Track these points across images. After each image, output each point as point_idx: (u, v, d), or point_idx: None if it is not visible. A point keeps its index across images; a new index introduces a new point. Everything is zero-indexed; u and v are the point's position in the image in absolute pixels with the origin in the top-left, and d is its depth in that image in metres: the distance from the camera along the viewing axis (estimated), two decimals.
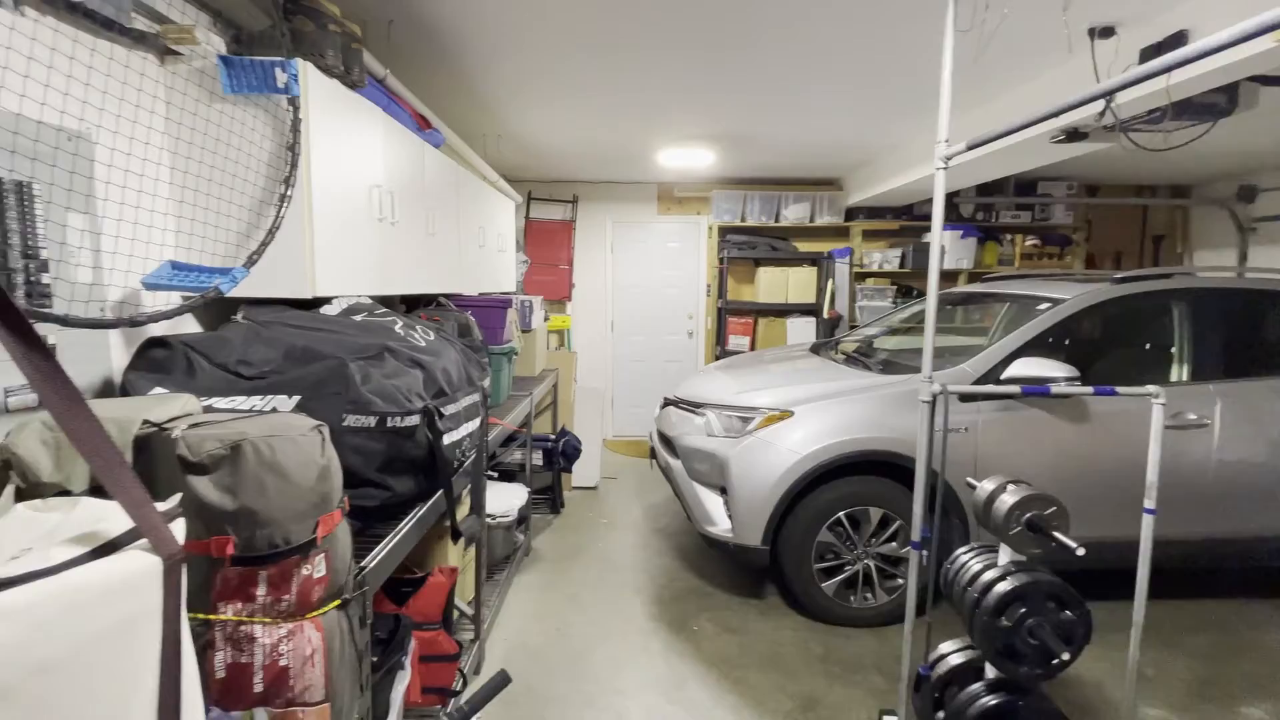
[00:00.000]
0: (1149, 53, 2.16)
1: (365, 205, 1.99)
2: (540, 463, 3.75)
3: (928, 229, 5.09)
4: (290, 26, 1.67)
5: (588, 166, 4.87)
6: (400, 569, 1.85)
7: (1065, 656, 1.55)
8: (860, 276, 5.21)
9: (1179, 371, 2.77)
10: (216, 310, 1.74)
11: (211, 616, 0.99)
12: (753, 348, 5.19)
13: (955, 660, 1.81)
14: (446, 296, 2.88)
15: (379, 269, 2.10)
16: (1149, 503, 1.71)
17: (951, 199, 4.94)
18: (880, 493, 2.60)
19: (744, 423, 2.80)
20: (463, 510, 2.13)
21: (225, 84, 1.56)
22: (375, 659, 1.45)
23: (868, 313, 5.07)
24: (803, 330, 5.21)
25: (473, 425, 1.94)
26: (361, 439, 1.43)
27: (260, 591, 1.01)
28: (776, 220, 5.23)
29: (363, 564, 1.28)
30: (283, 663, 1.01)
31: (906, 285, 5.14)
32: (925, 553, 1.84)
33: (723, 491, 2.78)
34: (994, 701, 1.65)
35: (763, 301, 5.24)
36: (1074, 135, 2.61)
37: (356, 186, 1.94)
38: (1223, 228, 4.97)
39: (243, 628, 1.00)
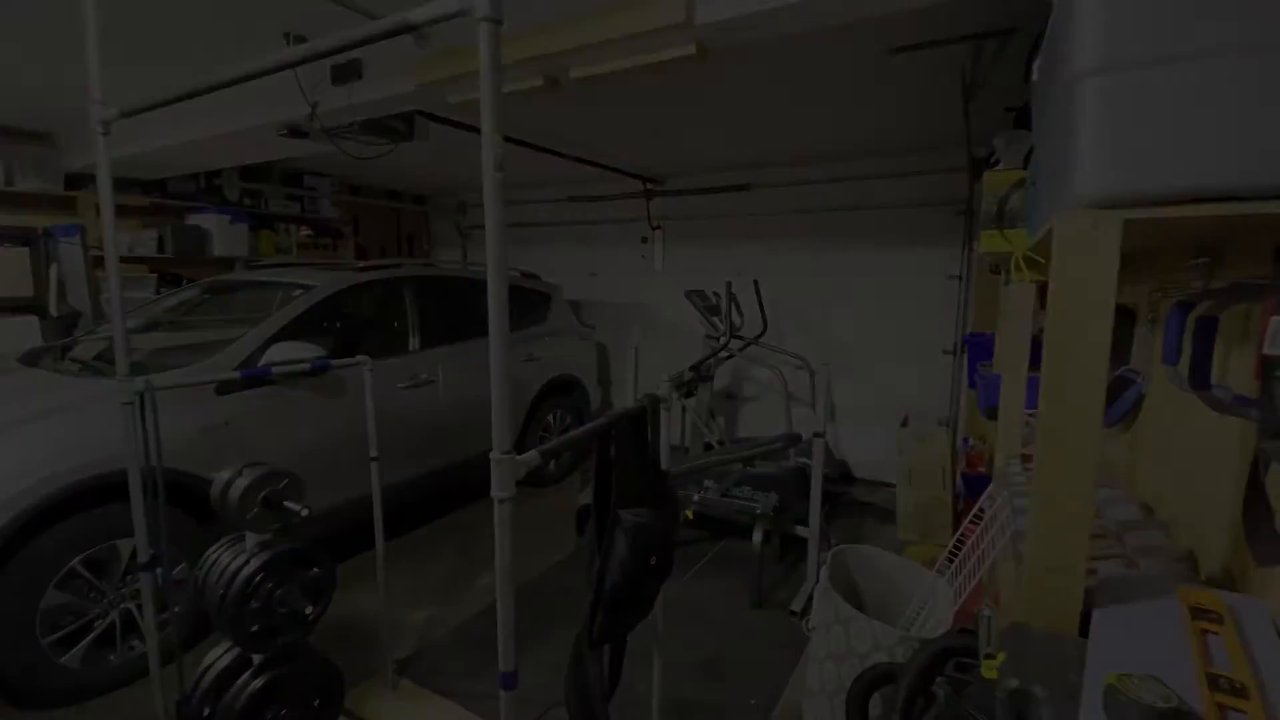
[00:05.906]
0: (337, 71, 2.51)
1: None
2: None
3: (189, 208, 4.57)
4: None
5: None
6: None
7: (310, 610, 1.71)
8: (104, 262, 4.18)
9: (414, 341, 3.48)
10: None
11: None
12: None
13: (222, 664, 1.72)
14: None
15: None
16: (373, 452, 2.06)
17: (213, 180, 4.58)
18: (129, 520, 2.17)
19: None
20: None
21: None
22: None
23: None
24: (19, 334, 3.78)
25: None
26: None
27: None
28: None
29: None
30: None
31: (174, 273, 4.47)
32: (160, 570, 1.65)
33: None
34: (259, 684, 1.66)
35: None
36: (297, 132, 2.81)
37: None
38: (452, 232, 6.59)
39: None
